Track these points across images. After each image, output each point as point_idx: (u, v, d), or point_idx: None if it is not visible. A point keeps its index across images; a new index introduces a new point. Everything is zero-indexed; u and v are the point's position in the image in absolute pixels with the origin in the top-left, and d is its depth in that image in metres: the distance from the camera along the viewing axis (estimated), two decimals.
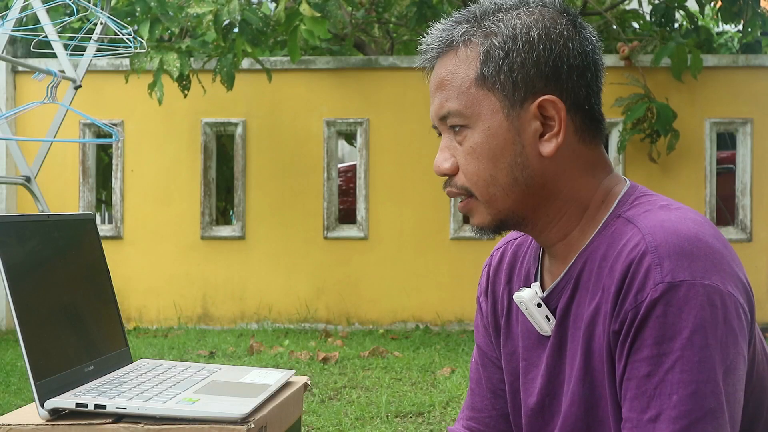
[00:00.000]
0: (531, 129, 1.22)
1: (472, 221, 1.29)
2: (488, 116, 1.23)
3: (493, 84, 1.22)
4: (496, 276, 1.43)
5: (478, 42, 1.23)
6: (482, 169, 1.23)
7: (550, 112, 1.22)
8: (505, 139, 1.22)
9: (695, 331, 1.10)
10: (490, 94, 1.22)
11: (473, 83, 1.23)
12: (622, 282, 1.15)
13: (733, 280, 1.14)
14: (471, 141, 1.24)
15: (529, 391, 1.32)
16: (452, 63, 1.25)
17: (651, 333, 1.11)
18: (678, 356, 1.10)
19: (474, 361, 1.49)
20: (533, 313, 1.28)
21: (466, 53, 1.24)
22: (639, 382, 1.12)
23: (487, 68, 1.22)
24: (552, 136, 1.22)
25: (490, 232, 1.28)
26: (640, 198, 1.24)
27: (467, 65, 1.24)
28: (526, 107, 1.22)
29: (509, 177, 1.23)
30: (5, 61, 4.10)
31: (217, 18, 5.57)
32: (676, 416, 1.09)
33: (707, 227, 1.17)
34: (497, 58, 1.22)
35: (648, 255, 1.13)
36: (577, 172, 1.25)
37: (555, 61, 1.22)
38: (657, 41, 6.44)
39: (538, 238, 1.30)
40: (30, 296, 1.38)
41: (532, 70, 1.21)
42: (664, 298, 1.11)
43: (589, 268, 1.23)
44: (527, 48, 1.21)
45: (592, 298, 1.21)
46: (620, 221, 1.21)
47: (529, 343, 1.32)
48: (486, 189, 1.24)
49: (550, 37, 1.22)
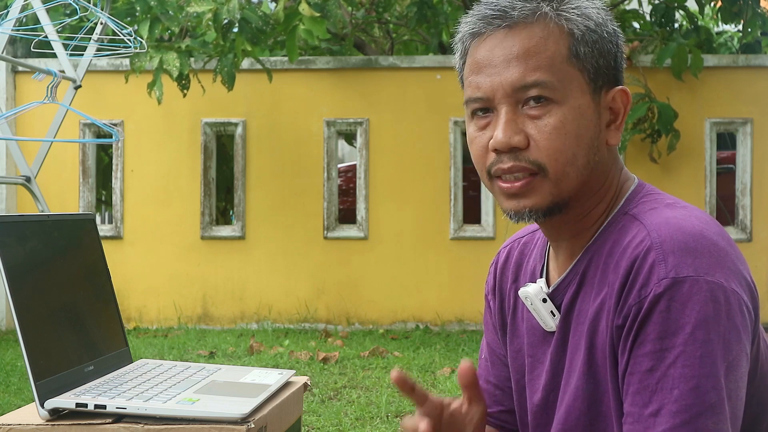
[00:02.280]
0: (605, 116, 1.25)
1: (524, 202, 1.23)
2: (578, 95, 1.23)
3: (583, 65, 1.23)
4: (503, 274, 1.43)
5: (574, 18, 1.23)
6: (567, 146, 1.21)
7: (618, 103, 1.25)
8: (590, 120, 1.23)
9: (698, 326, 1.10)
10: (580, 74, 1.23)
11: (566, 59, 1.22)
12: (627, 277, 1.15)
13: (737, 277, 1.14)
14: (559, 116, 1.21)
15: (535, 387, 1.33)
16: (541, 34, 1.22)
17: (654, 328, 1.12)
18: (680, 351, 1.10)
19: (483, 357, 1.49)
20: (538, 308, 1.29)
21: (557, 27, 1.23)
22: (641, 376, 1.12)
23: (581, 47, 1.23)
24: (617, 126, 1.26)
25: (541, 214, 1.24)
26: (647, 196, 1.26)
27: (558, 40, 1.22)
28: (603, 94, 1.25)
29: (586, 158, 1.23)
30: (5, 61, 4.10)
31: (217, 17, 5.57)
32: (677, 410, 1.09)
33: (712, 225, 1.18)
34: (589, 41, 1.23)
35: (653, 251, 1.14)
36: (615, 167, 1.29)
37: (619, 55, 1.27)
38: (657, 41, 6.44)
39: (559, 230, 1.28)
40: (30, 296, 1.38)
41: (612, 60, 1.25)
42: (668, 294, 1.11)
43: (594, 264, 1.24)
44: (611, 38, 1.25)
45: (597, 294, 1.22)
46: (626, 218, 1.23)
47: (534, 339, 1.33)
48: (564, 167, 1.22)
49: (617, 32, 1.27)
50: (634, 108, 6.15)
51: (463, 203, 6.55)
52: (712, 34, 7.73)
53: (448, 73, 6.50)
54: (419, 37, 7.98)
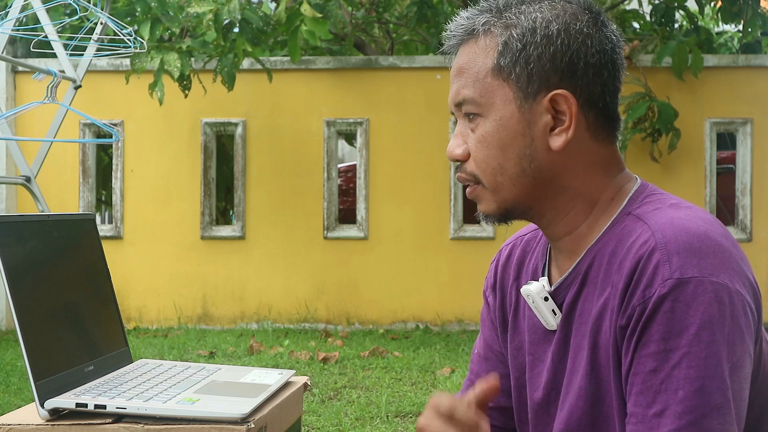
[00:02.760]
0: (542, 122, 1.24)
1: (479, 207, 1.31)
2: (501, 106, 1.24)
3: (508, 75, 1.24)
4: (505, 271, 1.43)
5: (498, 32, 1.25)
6: (491, 158, 1.25)
7: (561, 106, 1.23)
8: (516, 130, 1.24)
9: (702, 327, 1.10)
10: (504, 84, 1.24)
11: (489, 72, 1.25)
12: (631, 277, 1.15)
13: (741, 278, 1.14)
14: (482, 129, 1.26)
15: (535, 385, 1.33)
16: (472, 51, 1.27)
17: (658, 328, 1.12)
18: (685, 352, 1.10)
19: (476, 353, 1.49)
20: (540, 306, 1.29)
21: (485, 42, 1.26)
22: (645, 377, 1.12)
23: (503, 59, 1.24)
24: (562, 130, 1.24)
25: (495, 220, 1.30)
26: (651, 196, 1.25)
27: (485, 54, 1.25)
28: (538, 100, 1.24)
29: (517, 167, 1.25)
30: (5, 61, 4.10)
31: (217, 17, 5.57)
32: (682, 412, 1.09)
33: (717, 226, 1.18)
34: (514, 50, 1.23)
35: (657, 251, 1.14)
36: (588, 168, 1.26)
37: (572, 57, 1.23)
38: (657, 40, 6.44)
39: (545, 231, 1.31)
40: (30, 296, 1.38)
41: (548, 64, 1.23)
42: (672, 294, 1.11)
43: (597, 263, 1.24)
44: (545, 42, 1.23)
45: (600, 294, 1.22)
46: (630, 218, 1.22)
47: (536, 337, 1.33)
48: (493, 177, 1.26)
49: (569, 32, 1.23)
50: (635, 107, 6.15)
51: (463, 203, 6.54)
52: (712, 34, 7.74)
53: (448, 73, 6.45)
54: (419, 37, 7.98)
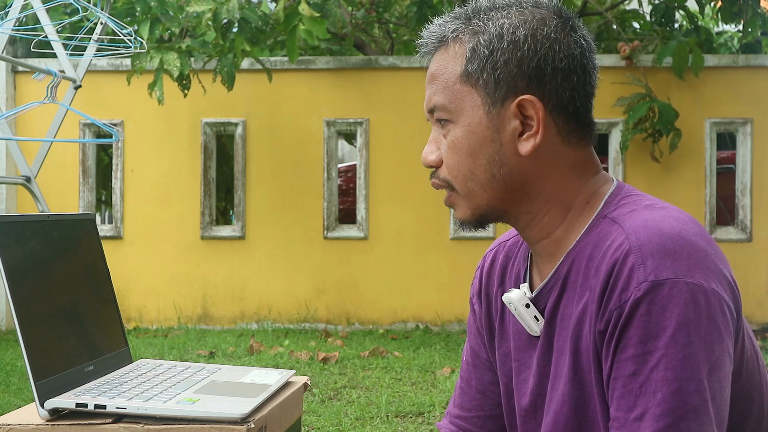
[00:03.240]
0: (510, 127, 1.24)
1: (454, 215, 1.32)
2: (469, 112, 1.25)
3: (476, 81, 1.25)
4: (489, 278, 1.44)
5: (466, 39, 1.26)
6: (461, 164, 1.27)
7: (529, 111, 1.24)
8: (484, 136, 1.25)
9: (678, 329, 1.10)
10: (473, 90, 1.25)
11: (458, 79, 1.26)
12: (607, 282, 1.16)
13: (718, 277, 1.14)
14: (453, 135, 1.27)
15: (522, 391, 1.33)
16: (442, 58, 1.29)
17: (635, 332, 1.12)
18: (662, 354, 1.10)
19: (465, 360, 1.49)
20: (522, 313, 1.29)
21: (455, 50, 1.27)
22: (625, 381, 1.13)
23: (471, 65, 1.25)
24: (530, 135, 1.24)
25: (470, 226, 1.31)
26: (626, 198, 1.25)
27: (455, 61, 1.27)
28: (506, 106, 1.24)
29: (487, 173, 1.25)
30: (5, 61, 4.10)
31: (216, 16, 5.57)
32: (660, 414, 1.10)
33: (691, 225, 1.18)
34: (482, 56, 1.24)
35: (631, 254, 1.14)
36: (560, 172, 1.26)
37: (539, 62, 1.23)
38: (658, 41, 6.44)
39: (522, 234, 1.32)
40: (30, 296, 1.38)
41: (514, 69, 1.23)
42: (648, 297, 1.11)
43: (576, 268, 1.24)
44: (511, 47, 1.23)
45: (579, 299, 1.22)
46: (606, 221, 1.23)
47: (520, 343, 1.33)
48: (465, 183, 1.27)
49: (536, 38, 1.23)
50: (635, 108, 6.15)
51: None
52: (712, 34, 7.73)
53: None
54: (419, 37, 7.97)
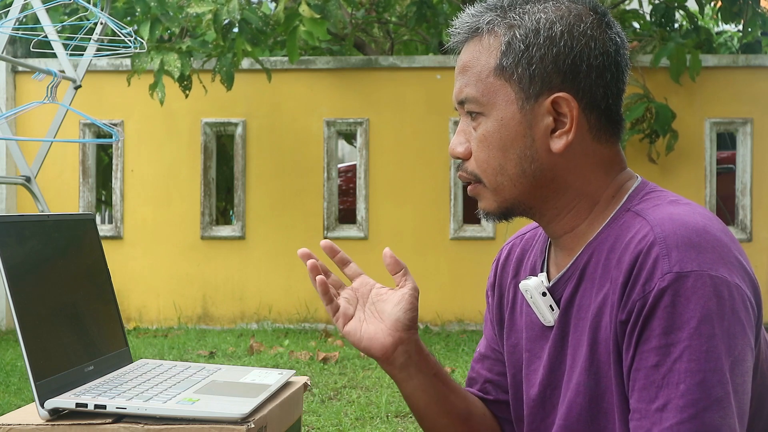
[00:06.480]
0: (543, 124, 1.24)
1: (479, 205, 1.31)
2: (502, 106, 1.24)
3: (510, 75, 1.24)
4: (504, 270, 1.44)
5: (501, 32, 1.25)
6: (492, 158, 1.26)
7: (563, 109, 1.23)
8: (516, 131, 1.24)
9: (703, 321, 1.10)
10: (506, 84, 1.24)
11: (492, 72, 1.25)
12: (630, 272, 1.16)
13: (740, 272, 1.15)
14: (483, 129, 1.26)
15: (531, 382, 1.33)
16: (476, 50, 1.27)
17: (659, 323, 1.12)
18: (685, 346, 1.10)
19: (478, 351, 1.52)
20: (538, 302, 1.29)
21: (489, 42, 1.26)
22: (647, 372, 1.13)
23: (506, 59, 1.24)
24: (563, 133, 1.24)
25: (495, 218, 1.31)
26: (650, 193, 1.26)
27: (489, 54, 1.25)
28: (540, 102, 1.24)
29: (517, 168, 1.25)
30: (5, 61, 4.10)
31: (217, 17, 5.57)
32: (684, 405, 1.09)
33: (715, 222, 1.19)
34: (517, 51, 1.23)
35: (656, 246, 1.14)
36: (589, 168, 1.27)
37: (574, 59, 1.23)
38: (656, 41, 6.44)
39: (546, 229, 1.32)
40: (30, 296, 1.38)
41: (550, 65, 1.23)
42: (672, 288, 1.11)
43: (596, 259, 1.24)
44: (548, 43, 1.23)
45: (599, 290, 1.22)
46: (629, 215, 1.23)
47: (533, 334, 1.33)
48: (494, 177, 1.26)
49: (573, 34, 1.23)
50: (632, 108, 6.15)
51: (463, 203, 6.54)
52: (712, 34, 7.73)
53: (448, 73, 6.49)
54: (419, 37, 7.98)
